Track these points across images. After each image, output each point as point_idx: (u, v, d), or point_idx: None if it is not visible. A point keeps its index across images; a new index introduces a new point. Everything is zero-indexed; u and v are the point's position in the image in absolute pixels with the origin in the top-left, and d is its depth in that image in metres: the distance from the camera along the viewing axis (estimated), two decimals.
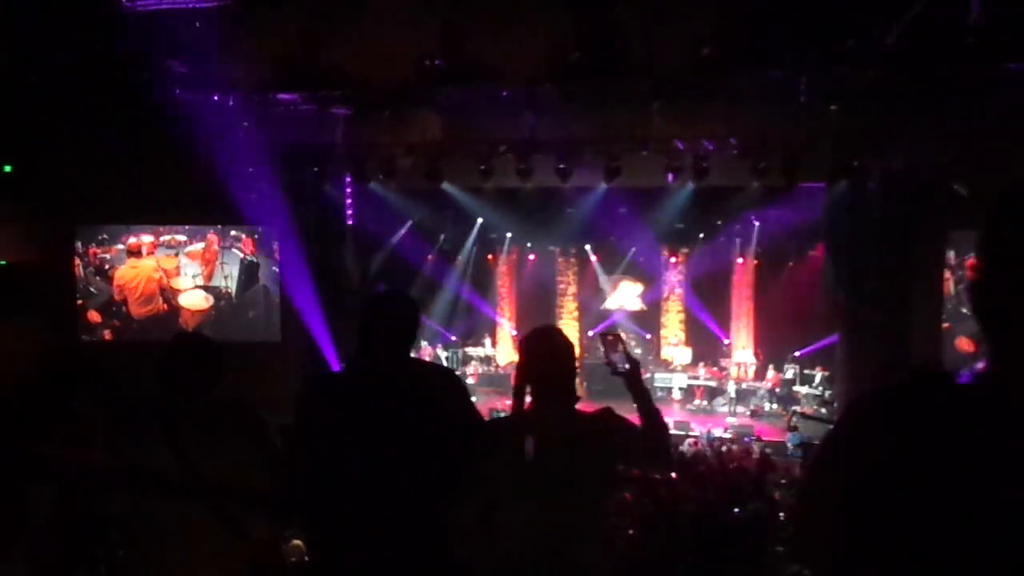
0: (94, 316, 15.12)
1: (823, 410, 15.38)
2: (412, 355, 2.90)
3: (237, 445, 2.90)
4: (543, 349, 2.87)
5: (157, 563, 2.82)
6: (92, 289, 15.31)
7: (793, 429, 13.69)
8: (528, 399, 2.90)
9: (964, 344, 12.98)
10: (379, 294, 2.85)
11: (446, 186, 14.29)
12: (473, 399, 3.03)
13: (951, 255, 12.96)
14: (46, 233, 14.76)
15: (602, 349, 3.09)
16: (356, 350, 2.71)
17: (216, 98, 12.24)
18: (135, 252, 15.17)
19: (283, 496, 2.93)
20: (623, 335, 3.34)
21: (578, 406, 2.88)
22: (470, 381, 17.44)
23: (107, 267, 15.20)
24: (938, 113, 11.55)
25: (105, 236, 15.18)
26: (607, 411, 2.84)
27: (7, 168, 14.25)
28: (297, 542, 7.24)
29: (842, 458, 1.44)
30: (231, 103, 12.47)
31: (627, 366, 2.96)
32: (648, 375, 17.36)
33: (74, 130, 13.73)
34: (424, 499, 2.58)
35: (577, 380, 2.86)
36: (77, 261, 15.10)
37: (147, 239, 15.19)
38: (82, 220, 15.02)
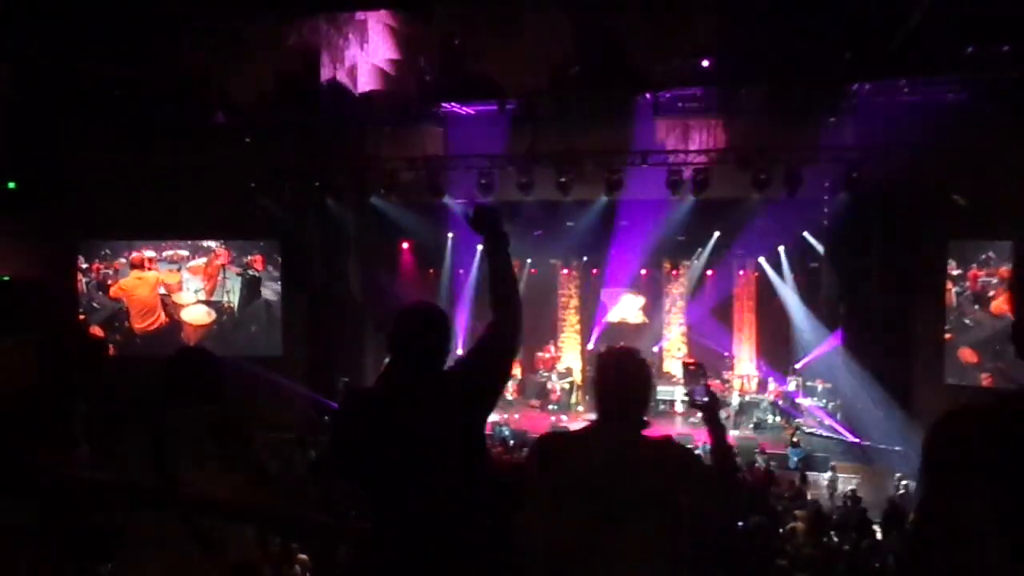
0: (96, 331, 15.10)
1: (826, 421, 15.30)
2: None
3: (222, 456, 2.94)
4: (612, 369, 2.80)
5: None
6: (95, 304, 15.33)
7: (795, 445, 13.62)
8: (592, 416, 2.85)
9: (967, 355, 12.93)
10: (411, 308, 2.81)
11: (447, 200, 14.28)
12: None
13: (952, 265, 12.92)
14: (49, 249, 14.80)
15: (684, 378, 3.01)
16: (390, 364, 2.71)
17: (218, 115, 12.26)
18: (138, 265, 15.19)
19: (269, 507, 2.92)
20: (705, 367, 3.22)
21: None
22: None
23: (109, 282, 15.22)
24: (938, 124, 11.56)
25: (108, 251, 15.21)
26: (668, 439, 2.80)
27: (11, 185, 14.31)
28: (303, 556, 7.20)
29: (974, 482, 1.34)
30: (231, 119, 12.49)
31: (706, 399, 2.88)
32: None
33: (77, 147, 13.78)
34: (468, 513, 2.57)
35: (577, 398, 2.79)
36: (80, 276, 15.11)
37: (149, 253, 15.21)
38: (85, 236, 15.04)
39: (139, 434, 2.97)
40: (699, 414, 2.94)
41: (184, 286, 15.25)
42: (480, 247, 2.86)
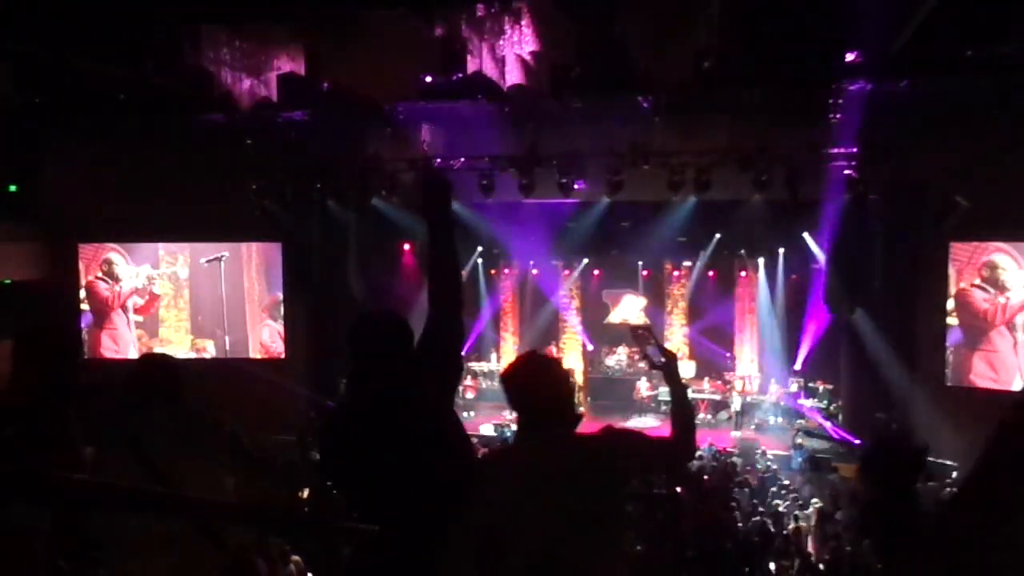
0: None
1: (828, 423, 15.31)
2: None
3: (198, 450, 3.00)
4: (524, 377, 2.74)
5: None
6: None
7: (798, 447, 13.62)
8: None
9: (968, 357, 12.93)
10: (364, 317, 2.81)
11: None
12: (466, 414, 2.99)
13: (953, 267, 12.91)
14: (50, 252, 14.82)
15: (634, 343, 3.01)
16: (351, 375, 2.71)
17: (220, 117, 12.27)
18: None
19: (256, 505, 2.94)
20: (650, 327, 3.21)
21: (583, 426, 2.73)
22: (468, 396, 17.39)
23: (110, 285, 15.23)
24: (939, 124, 11.57)
25: (109, 257, 15.21)
26: (607, 429, 2.73)
27: (12, 187, 14.33)
28: (296, 558, 7.21)
29: None
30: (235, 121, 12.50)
31: (663, 359, 2.91)
32: (653, 391, 17.31)
33: (78, 149, 13.81)
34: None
35: (578, 399, 2.76)
36: (81, 280, 15.12)
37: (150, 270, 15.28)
38: (86, 239, 15.04)
39: (114, 439, 3.02)
40: (700, 415, 2.94)
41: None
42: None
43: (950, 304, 12.93)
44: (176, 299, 15.38)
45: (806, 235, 15.22)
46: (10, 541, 2.74)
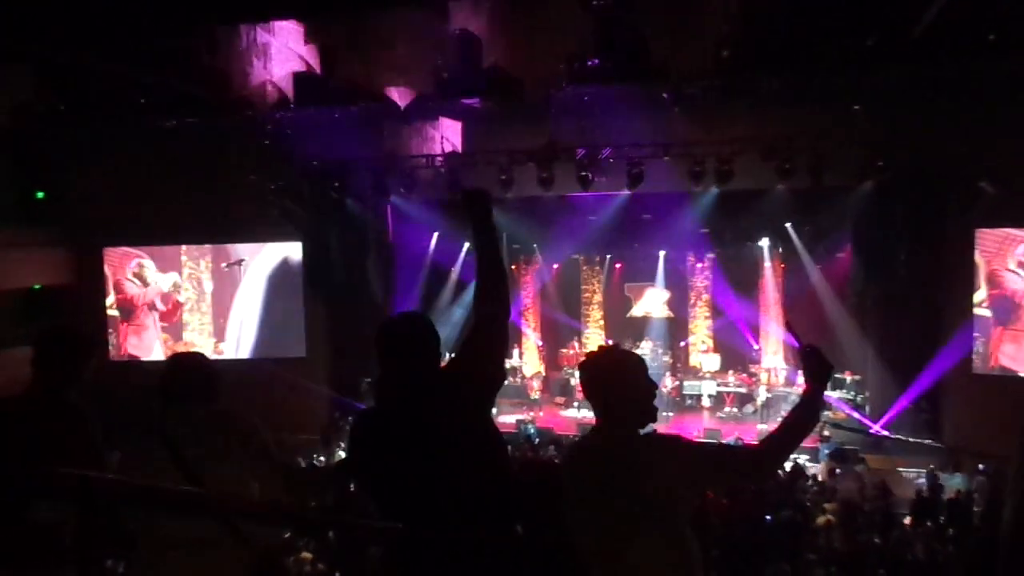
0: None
1: (855, 415, 15.19)
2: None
3: (231, 454, 2.99)
4: (598, 370, 2.73)
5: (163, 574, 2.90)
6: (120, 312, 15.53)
7: (825, 439, 13.52)
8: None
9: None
10: (393, 319, 2.81)
11: None
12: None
13: (981, 255, 12.77)
14: (77, 257, 15.04)
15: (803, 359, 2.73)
16: (379, 378, 2.72)
17: (238, 118, 12.39)
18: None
19: (279, 504, 2.96)
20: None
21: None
22: None
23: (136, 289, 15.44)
24: (964, 110, 11.44)
25: (141, 262, 15.42)
26: (678, 439, 2.66)
27: (39, 194, 14.56)
28: (307, 554, 7.27)
29: None
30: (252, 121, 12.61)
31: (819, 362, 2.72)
32: (678, 383, 17.26)
33: (99, 153, 13.98)
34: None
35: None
36: (108, 285, 15.31)
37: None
38: (111, 243, 15.23)
39: (145, 440, 3.04)
40: (726, 408, 2.90)
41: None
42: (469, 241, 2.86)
43: (978, 295, 12.79)
44: (199, 303, 15.55)
45: (828, 223, 15.09)
46: (38, 537, 2.79)
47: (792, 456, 12.77)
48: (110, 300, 15.30)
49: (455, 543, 2.52)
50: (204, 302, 15.52)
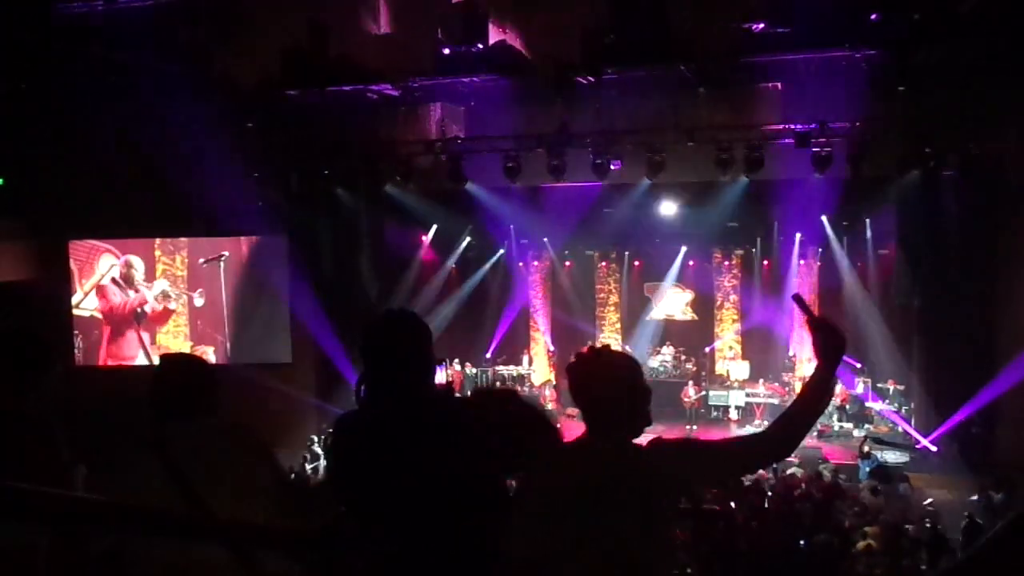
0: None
1: (899, 428, 15.16)
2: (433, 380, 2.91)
3: (237, 471, 2.95)
4: (584, 374, 2.77)
5: None
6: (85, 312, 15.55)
7: (866, 456, 13.50)
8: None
9: None
10: (384, 317, 2.84)
11: (470, 187, 14.31)
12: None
13: None
14: (41, 251, 15.04)
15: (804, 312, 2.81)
16: (367, 380, 2.75)
17: (216, 99, 12.38)
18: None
19: (295, 528, 2.96)
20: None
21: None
22: None
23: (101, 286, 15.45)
24: (1018, 91, 11.37)
25: (126, 260, 15.43)
26: (657, 440, 2.71)
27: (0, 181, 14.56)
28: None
29: None
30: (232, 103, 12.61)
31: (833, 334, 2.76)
32: (702, 392, 17.24)
33: (66, 137, 13.99)
34: (461, 538, 2.61)
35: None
36: (74, 281, 15.32)
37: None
38: (77, 236, 15.23)
39: (137, 454, 3.02)
40: (756, 421, 2.94)
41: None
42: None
43: None
44: (176, 301, 15.57)
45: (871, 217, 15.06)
46: (7, 559, 2.80)
47: (829, 474, 12.78)
48: (76, 298, 15.30)
49: (435, 557, 2.56)
50: (180, 301, 15.54)
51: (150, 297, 15.34)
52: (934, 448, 13.77)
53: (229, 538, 2.58)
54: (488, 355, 19.01)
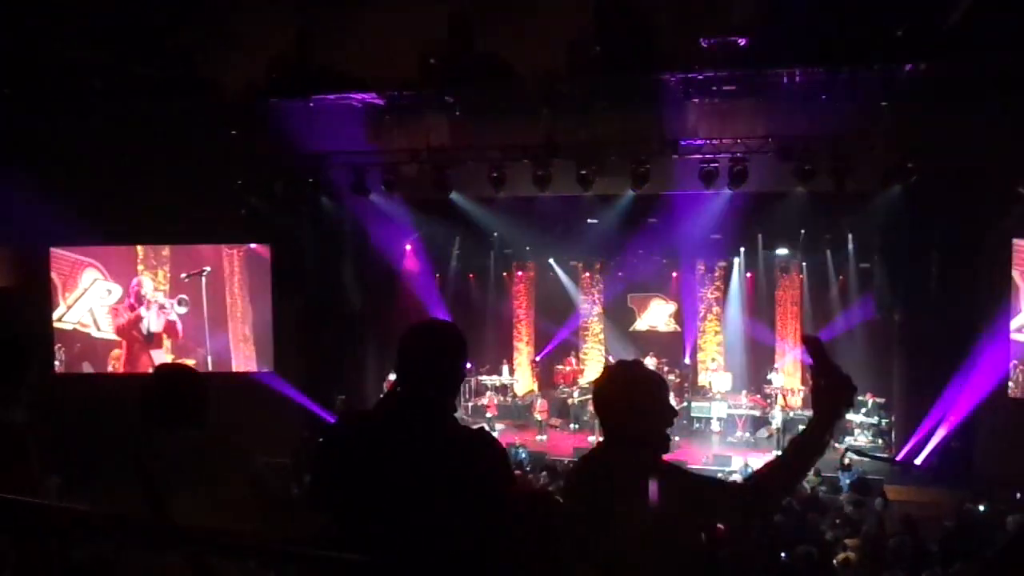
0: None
1: (879, 442, 15.22)
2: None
3: (224, 484, 2.94)
4: (607, 392, 2.77)
5: None
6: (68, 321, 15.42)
7: (846, 468, 13.53)
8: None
9: None
10: (421, 325, 2.79)
11: (455, 196, 14.30)
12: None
13: (1017, 268, 12.82)
14: (20, 258, 14.91)
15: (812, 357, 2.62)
16: (394, 386, 2.73)
17: (201, 106, 12.34)
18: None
19: (281, 540, 2.94)
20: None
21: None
22: (489, 415, 17.35)
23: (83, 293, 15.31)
24: (1001, 107, 11.47)
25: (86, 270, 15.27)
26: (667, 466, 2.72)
27: None
28: None
29: None
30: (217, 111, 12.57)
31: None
32: (684, 404, 17.25)
33: (48, 142, 13.88)
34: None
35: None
36: (56, 292, 15.18)
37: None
38: (57, 243, 15.09)
39: (118, 464, 2.99)
40: (738, 433, 2.93)
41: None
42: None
43: (1016, 321, 12.81)
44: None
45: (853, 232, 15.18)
46: None
47: (809, 486, 12.80)
48: (59, 312, 15.13)
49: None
50: (176, 311, 15.42)
51: (152, 316, 15.23)
52: (917, 461, 13.82)
53: (192, 546, 2.55)
54: (469, 364, 18.89)
